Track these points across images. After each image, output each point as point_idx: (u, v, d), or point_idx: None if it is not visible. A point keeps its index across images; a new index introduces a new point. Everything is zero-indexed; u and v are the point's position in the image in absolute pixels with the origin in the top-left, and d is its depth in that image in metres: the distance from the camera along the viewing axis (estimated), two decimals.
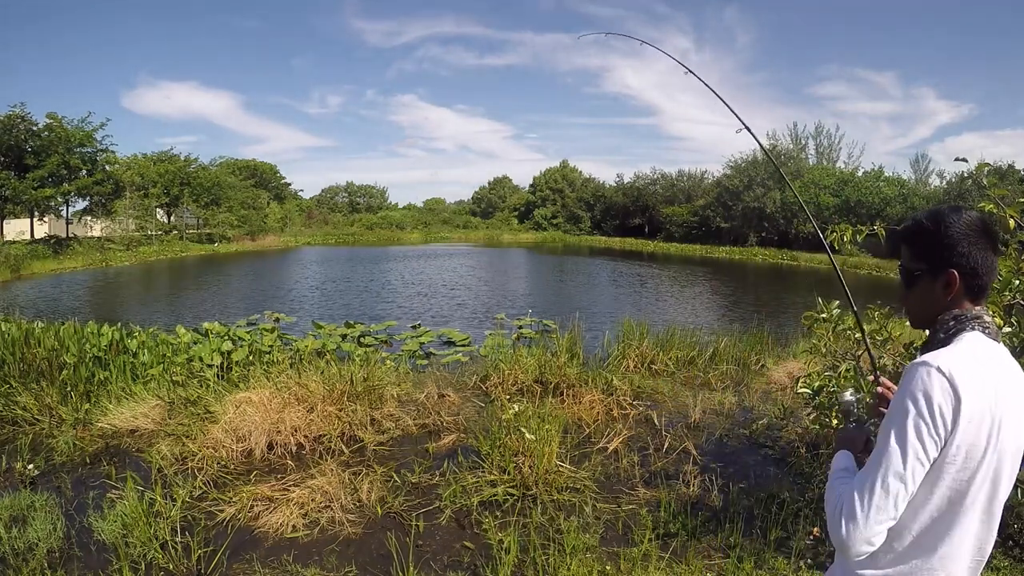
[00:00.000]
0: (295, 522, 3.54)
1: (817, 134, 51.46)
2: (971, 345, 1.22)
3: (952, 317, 1.26)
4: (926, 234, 1.28)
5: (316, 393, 4.96)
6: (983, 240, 1.24)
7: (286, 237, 51.92)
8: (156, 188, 42.20)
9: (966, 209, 1.27)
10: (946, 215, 1.26)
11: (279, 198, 63.17)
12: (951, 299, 1.26)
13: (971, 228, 1.23)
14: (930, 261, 1.27)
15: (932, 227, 1.27)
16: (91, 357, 5.90)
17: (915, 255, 1.30)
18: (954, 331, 1.25)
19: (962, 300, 1.26)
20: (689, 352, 7.34)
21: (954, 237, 1.24)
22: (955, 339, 1.24)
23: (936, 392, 1.13)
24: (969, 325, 1.24)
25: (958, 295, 1.26)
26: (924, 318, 1.33)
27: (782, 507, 3.65)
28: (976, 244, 1.23)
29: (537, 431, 4.24)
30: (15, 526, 3.35)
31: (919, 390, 1.14)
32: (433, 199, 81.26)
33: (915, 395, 1.14)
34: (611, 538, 3.48)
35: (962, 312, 1.26)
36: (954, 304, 1.27)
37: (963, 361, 1.16)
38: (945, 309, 1.27)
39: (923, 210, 1.36)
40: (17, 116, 32.71)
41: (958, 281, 1.24)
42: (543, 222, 62.85)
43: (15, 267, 25.42)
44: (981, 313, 1.26)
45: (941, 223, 1.25)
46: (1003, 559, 3.09)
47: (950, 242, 1.24)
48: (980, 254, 1.23)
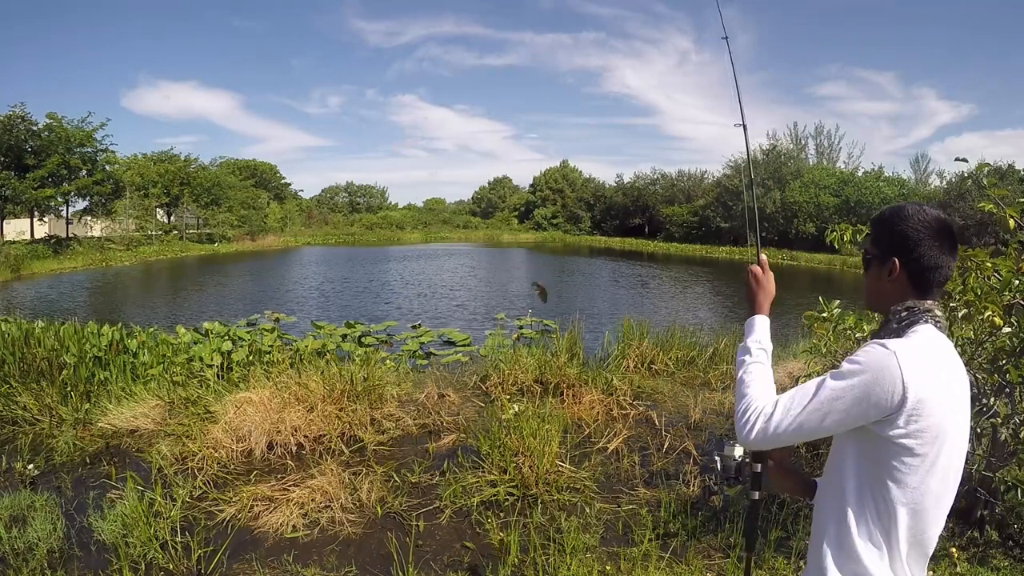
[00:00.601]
0: (295, 522, 3.54)
1: (817, 134, 51.55)
2: (925, 337, 1.26)
3: (904, 308, 1.31)
4: (883, 222, 1.35)
5: (316, 393, 4.96)
6: (934, 238, 1.28)
7: (286, 237, 51.93)
8: (156, 188, 42.22)
9: (930, 208, 1.33)
10: (905, 209, 1.33)
11: (279, 198, 63.20)
12: (896, 288, 1.32)
13: (923, 224, 1.29)
14: (880, 248, 1.34)
15: (889, 217, 1.34)
16: (91, 357, 5.90)
17: (871, 240, 1.38)
18: (907, 322, 1.29)
19: (908, 292, 1.31)
20: (689, 352, 7.33)
21: (904, 229, 1.30)
22: (908, 331, 1.28)
23: (885, 374, 1.17)
24: (922, 318, 1.29)
25: (902, 285, 1.31)
26: (873, 303, 1.40)
27: (782, 507, 3.65)
28: (924, 240, 1.28)
29: (537, 431, 4.24)
30: (15, 526, 3.35)
31: (871, 363, 1.18)
32: (433, 199, 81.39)
33: (863, 366, 1.19)
34: (611, 538, 3.48)
35: (915, 304, 1.30)
36: (903, 295, 1.32)
37: (917, 353, 1.20)
38: (896, 299, 1.32)
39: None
40: (17, 116, 32.75)
41: (898, 269, 1.30)
42: (543, 222, 62.85)
43: (15, 267, 25.44)
44: (933, 307, 1.30)
45: (897, 215, 1.33)
46: (1003, 559, 3.09)
47: (900, 233, 1.30)
48: (927, 250, 1.28)
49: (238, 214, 47.19)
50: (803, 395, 1.23)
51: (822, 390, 1.21)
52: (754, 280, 1.53)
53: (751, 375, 1.35)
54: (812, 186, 40.74)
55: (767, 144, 47.16)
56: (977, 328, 3.08)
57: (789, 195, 41.05)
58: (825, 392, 1.20)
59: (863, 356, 1.20)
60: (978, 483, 3.23)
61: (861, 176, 42.37)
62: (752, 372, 1.36)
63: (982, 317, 2.70)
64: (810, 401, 1.21)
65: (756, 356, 1.39)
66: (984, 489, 3.21)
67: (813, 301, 3.82)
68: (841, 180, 41.19)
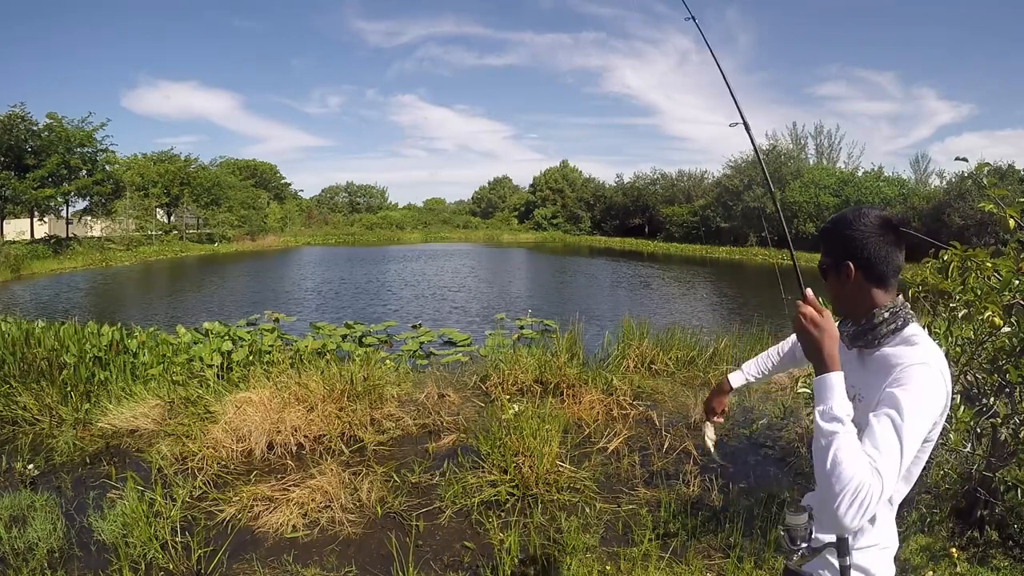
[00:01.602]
0: (295, 522, 3.54)
1: (817, 134, 51.49)
2: (924, 336, 1.33)
3: (888, 311, 1.35)
4: (830, 232, 1.42)
5: (316, 393, 4.96)
6: (877, 234, 1.35)
7: (286, 237, 51.92)
8: (156, 188, 42.22)
9: (869, 208, 1.40)
10: (846, 215, 1.40)
11: (279, 198, 63.20)
12: (856, 289, 1.37)
13: (865, 224, 1.36)
14: (833, 256, 1.40)
15: (834, 226, 1.41)
16: (91, 357, 5.90)
17: (824, 251, 1.44)
18: (897, 324, 1.34)
19: (867, 288, 1.37)
20: (689, 352, 7.33)
21: (851, 233, 1.37)
22: (905, 332, 1.34)
23: (941, 393, 1.25)
24: (909, 318, 1.35)
25: (859, 284, 1.37)
26: (841, 307, 1.44)
27: (782, 507, 3.65)
28: (870, 238, 1.35)
29: (537, 431, 4.24)
30: (15, 526, 3.35)
31: (928, 388, 1.23)
32: (433, 199, 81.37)
33: (924, 395, 1.23)
34: (611, 538, 3.48)
35: (895, 306, 1.35)
36: (864, 293, 1.37)
37: (942, 358, 1.30)
38: (861, 299, 1.37)
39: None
40: (17, 116, 32.76)
41: (853, 271, 1.36)
42: (543, 222, 62.84)
43: (15, 267, 25.45)
44: (906, 303, 1.37)
45: (841, 222, 1.40)
46: (1003, 559, 3.09)
47: (847, 237, 1.37)
48: (874, 247, 1.35)
49: (238, 214, 47.19)
50: (893, 452, 1.18)
51: (904, 440, 1.18)
52: (812, 325, 1.27)
53: (845, 452, 1.15)
54: (812, 186, 40.72)
55: (767, 144, 47.16)
56: (977, 328, 3.08)
57: (789, 195, 41.02)
58: (910, 441, 1.19)
59: (918, 383, 1.23)
60: (978, 483, 3.23)
61: (861, 176, 42.36)
62: (846, 448, 1.16)
63: (982, 317, 2.70)
64: (902, 456, 1.19)
65: (848, 427, 1.19)
66: (984, 489, 3.20)
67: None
68: (841, 180, 41.17)
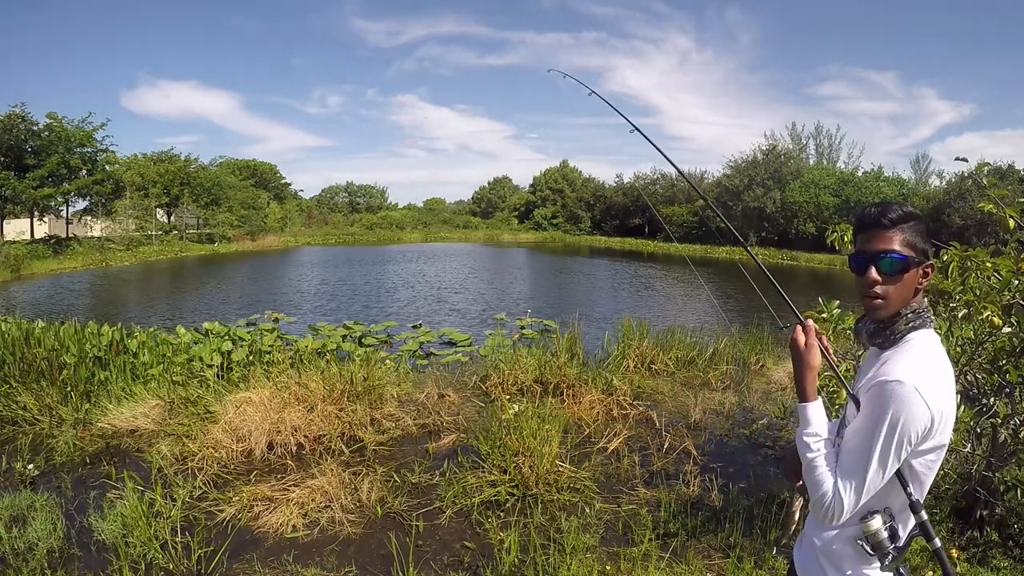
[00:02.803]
0: (295, 522, 3.54)
1: (817, 134, 51.50)
2: (927, 345, 1.30)
3: (911, 311, 1.32)
4: (920, 221, 1.32)
5: (316, 393, 4.96)
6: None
7: (286, 237, 51.89)
8: (156, 188, 42.19)
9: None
10: (916, 212, 1.33)
11: (279, 198, 63.17)
12: (914, 286, 1.32)
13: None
14: (917, 251, 1.30)
15: (919, 216, 1.33)
16: (91, 357, 5.90)
17: (905, 242, 1.30)
18: (914, 325, 1.31)
19: (920, 288, 1.34)
20: (689, 352, 7.34)
21: (926, 228, 1.33)
22: (912, 336, 1.31)
23: (917, 412, 1.21)
24: (928, 321, 1.32)
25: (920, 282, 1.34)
26: (896, 308, 1.34)
27: (782, 507, 3.65)
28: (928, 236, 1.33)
29: (537, 431, 4.24)
30: (15, 526, 3.35)
31: (900, 408, 1.21)
32: (433, 199, 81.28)
33: (894, 413, 1.21)
34: (611, 538, 3.48)
35: (919, 307, 1.33)
36: (915, 293, 1.33)
37: (930, 373, 1.24)
38: (909, 300, 1.32)
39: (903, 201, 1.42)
40: (17, 116, 32.73)
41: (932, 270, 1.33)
42: (543, 222, 62.82)
43: (15, 267, 25.42)
44: (929, 306, 1.35)
45: (920, 219, 1.32)
46: (1003, 559, 3.09)
47: (927, 233, 1.33)
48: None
49: (238, 214, 47.16)
50: (855, 467, 1.26)
51: (870, 458, 1.23)
52: (794, 351, 1.40)
53: (817, 469, 1.32)
54: (812, 186, 40.72)
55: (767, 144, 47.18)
56: (977, 328, 3.08)
57: (789, 195, 41.04)
58: (873, 458, 1.23)
59: (888, 402, 1.21)
60: (978, 483, 3.23)
61: (861, 176, 42.35)
62: (818, 466, 1.32)
63: (982, 317, 2.70)
64: (867, 471, 1.24)
65: (816, 449, 1.33)
66: (984, 489, 3.20)
67: (813, 301, 3.82)
68: (841, 180, 41.17)
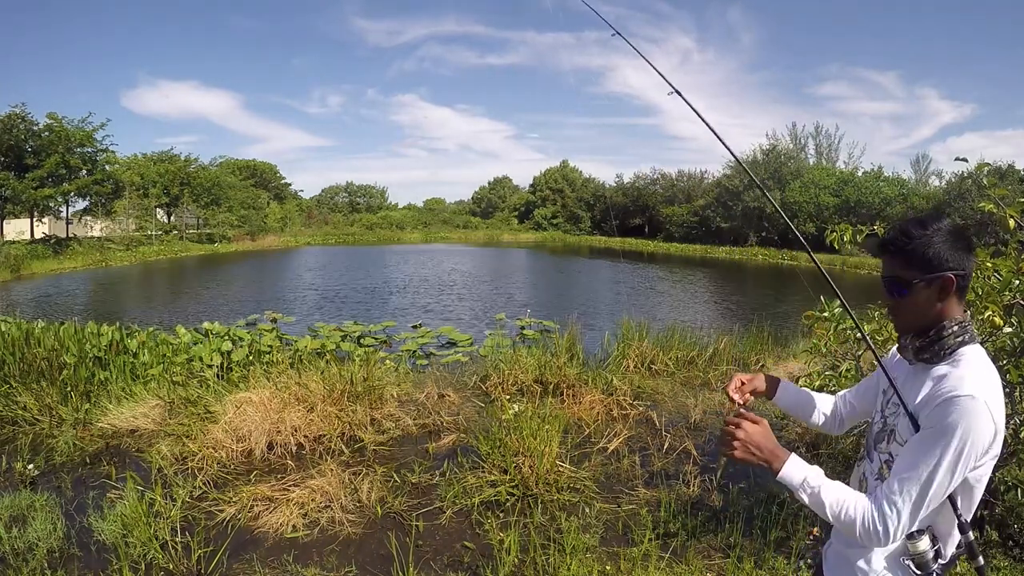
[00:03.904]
0: (295, 522, 3.54)
1: (817, 134, 51.52)
2: (984, 360, 1.28)
3: (956, 324, 1.30)
4: (924, 244, 1.30)
5: (316, 393, 4.96)
6: (965, 243, 1.30)
7: (286, 237, 51.90)
8: (156, 188, 42.21)
9: (940, 215, 1.34)
10: (939, 225, 1.30)
11: (279, 198, 63.20)
12: (938, 302, 1.31)
13: (954, 233, 1.29)
14: (927, 268, 1.29)
15: (926, 239, 1.30)
16: (91, 357, 5.90)
17: (908, 264, 1.32)
18: (961, 340, 1.30)
19: (951, 302, 1.31)
20: (689, 352, 7.34)
21: (947, 243, 1.28)
22: (963, 350, 1.29)
23: (987, 429, 1.19)
24: (973, 336, 1.31)
25: (944, 297, 1.30)
26: (916, 325, 1.35)
27: (782, 507, 3.65)
28: (963, 247, 1.29)
29: (537, 431, 4.24)
30: (15, 526, 3.35)
31: (971, 421, 1.18)
32: (433, 199, 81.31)
33: (964, 428, 1.18)
34: (611, 538, 3.48)
35: (964, 320, 1.31)
36: (945, 307, 1.31)
37: (996, 388, 1.23)
38: (940, 314, 1.31)
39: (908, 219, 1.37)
40: (17, 116, 32.74)
41: (955, 284, 1.29)
42: (543, 222, 62.85)
43: (15, 267, 25.43)
44: (970, 318, 1.35)
45: (936, 232, 1.29)
46: (1003, 559, 3.09)
47: (946, 248, 1.28)
48: (966, 257, 1.29)
49: (238, 214, 47.18)
50: (915, 485, 1.21)
51: (934, 480, 1.19)
52: (749, 439, 1.32)
53: (845, 509, 1.26)
54: (812, 186, 40.75)
55: (767, 144, 47.21)
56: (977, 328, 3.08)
57: (789, 195, 41.06)
58: (938, 474, 1.19)
59: (960, 417, 1.18)
60: None
61: (861, 176, 42.37)
62: (831, 495, 1.27)
63: (982, 317, 2.70)
64: (928, 495, 1.21)
65: (816, 487, 1.28)
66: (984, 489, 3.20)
67: (813, 301, 3.82)
68: (841, 180, 41.19)
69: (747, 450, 1.30)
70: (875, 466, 1.41)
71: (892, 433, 1.37)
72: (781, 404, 1.72)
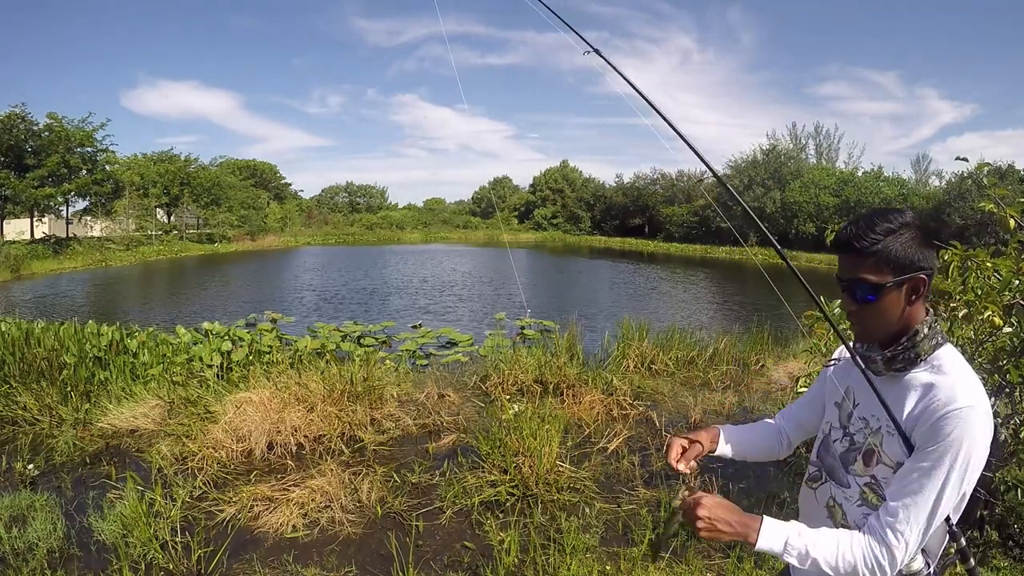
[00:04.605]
0: (295, 522, 3.54)
1: (817, 134, 51.52)
2: (962, 361, 1.21)
3: (928, 326, 1.21)
4: (893, 242, 1.20)
5: (316, 393, 4.96)
6: (931, 239, 1.22)
7: (286, 237, 51.92)
8: (156, 188, 42.23)
9: (904, 210, 1.22)
10: (903, 219, 1.20)
11: (279, 198, 63.20)
12: (907, 305, 1.21)
13: (922, 227, 1.21)
14: (898, 270, 1.19)
15: (893, 235, 1.20)
16: (91, 357, 5.90)
17: (881, 263, 1.20)
18: (935, 343, 1.21)
19: (919, 304, 1.22)
20: (689, 352, 7.34)
21: (915, 240, 1.19)
22: (939, 353, 1.21)
23: (989, 438, 1.13)
24: (945, 337, 1.22)
25: (913, 299, 1.22)
26: (885, 331, 1.25)
27: (782, 507, 3.65)
28: (929, 244, 1.21)
29: (537, 431, 4.24)
30: (15, 526, 3.35)
31: (972, 433, 1.12)
32: (433, 199, 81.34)
33: (968, 443, 1.12)
34: (611, 538, 3.48)
35: (933, 320, 1.23)
36: (913, 310, 1.22)
37: (982, 390, 1.15)
38: (911, 318, 1.22)
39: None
40: (17, 116, 32.76)
41: (927, 284, 1.20)
42: (543, 222, 62.88)
43: (15, 267, 25.44)
44: (937, 318, 1.27)
45: (904, 227, 1.20)
46: (1003, 559, 3.09)
47: (915, 245, 1.19)
48: (932, 255, 1.21)
49: (238, 214, 47.19)
50: (920, 509, 1.13)
51: (942, 502, 1.12)
52: (706, 519, 1.21)
53: (825, 549, 1.16)
54: (812, 186, 40.76)
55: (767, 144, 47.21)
56: (977, 328, 3.07)
57: (789, 195, 41.09)
58: (945, 493, 1.12)
59: (964, 431, 1.10)
60: (978, 483, 3.23)
61: (861, 176, 42.39)
62: (821, 548, 1.17)
63: (982, 317, 2.70)
64: (937, 509, 1.13)
65: (802, 547, 1.17)
66: (984, 489, 3.20)
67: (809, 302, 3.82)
68: (841, 180, 41.21)
69: (714, 528, 1.20)
70: (853, 491, 1.28)
71: (872, 454, 1.25)
72: (727, 454, 1.59)
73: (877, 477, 1.23)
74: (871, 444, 1.26)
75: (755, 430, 1.62)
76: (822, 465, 1.40)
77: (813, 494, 1.41)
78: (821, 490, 1.38)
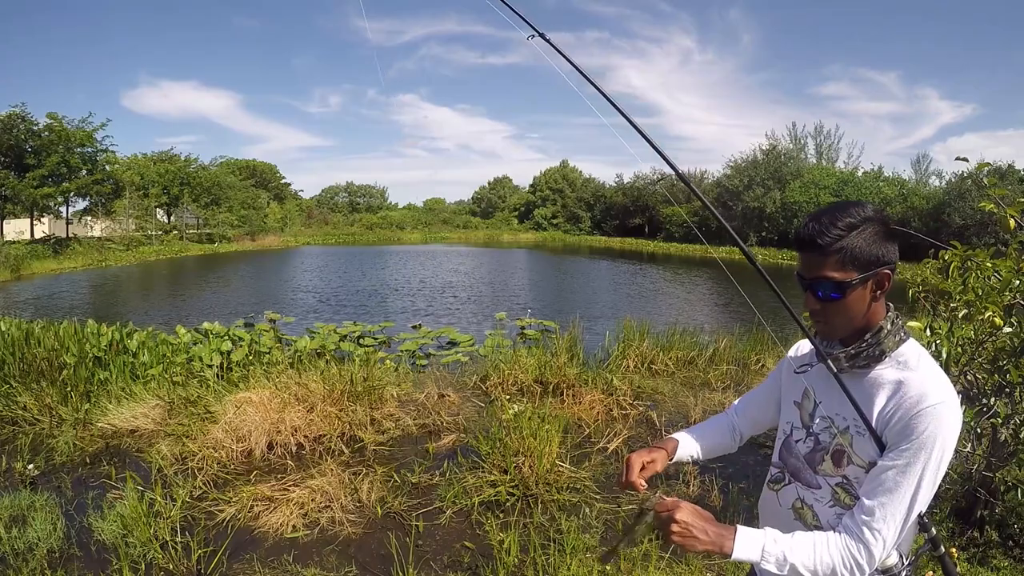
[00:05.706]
0: (295, 522, 3.54)
1: (817, 134, 51.49)
2: (927, 355, 1.21)
3: (890, 322, 1.21)
4: (858, 237, 1.18)
5: (316, 393, 4.96)
6: (892, 233, 1.20)
7: (286, 237, 51.94)
8: (156, 188, 42.24)
9: (865, 203, 1.21)
10: (864, 214, 1.18)
11: (279, 198, 63.21)
12: (871, 301, 1.21)
13: (885, 221, 1.20)
14: (862, 266, 1.17)
15: (857, 230, 1.19)
16: (91, 357, 5.90)
17: (847, 259, 1.18)
18: (898, 339, 1.21)
19: (882, 299, 1.23)
20: (689, 352, 7.34)
21: (880, 233, 1.18)
22: (903, 348, 1.21)
23: (958, 431, 1.14)
24: (909, 332, 1.23)
25: (876, 295, 1.21)
26: (850, 329, 1.24)
27: None
28: (891, 238, 1.20)
29: (537, 431, 4.24)
30: (15, 526, 3.35)
31: (944, 431, 1.12)
32: (433, 199, 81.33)
33: (943, 440, 1.12)
34: (611, 538, 3.47)
35: (895, 315, 1.23)
36: (876, 306, 1.22)
37: (950, 384, 1.16)
38: (873, 315, 1.22)
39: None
40: (17, 116, 32.77)
41: (890, 280, 1.20)
42: (543, 222, 62.89)
43: (15, 267, 25.43)
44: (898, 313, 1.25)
45: (866, 222, 1.18)
46: (1003, 559, 3.09)
47: (880, 239, 1.18)
48: (895, 249, 1.20)
49: (238, 214, 47.20)
50: (897, 507, 1.13)
51: (918, 499, 1.12)
52: (681, 524, 1.17)
53: (803, 552, 1.15)
54: (812, 186, 40.75)
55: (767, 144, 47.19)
56: (977, 328, 3.07)
57: (789, 195, 41.07)
58: (921, 491, 1.12)
59: (937, 428, 1.10)
60: (978, 483, 3.23)
61: (861, 176, 42.39)
62: (798, 552, 1.15)
63: (982, 317, 2.70)
64: (913, 507, 1.13)
65: (779, 553, 1.15)
66: (984, 489, 3.20)
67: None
68: (841, 180, 41.20)
69: (690, 534, 1.16)
70: (823, 492, 1.27)
71: (842, 454, 1.23)
72: (685, 460, 1.58)
73: (849, 477, 1.23)
74: (839, 444, 1.24)
75: (710, 429, 1.63)
76: (785, 467, 1.38)
77: (776, 496, 1.40)
78: (785, 492, 1.37)
